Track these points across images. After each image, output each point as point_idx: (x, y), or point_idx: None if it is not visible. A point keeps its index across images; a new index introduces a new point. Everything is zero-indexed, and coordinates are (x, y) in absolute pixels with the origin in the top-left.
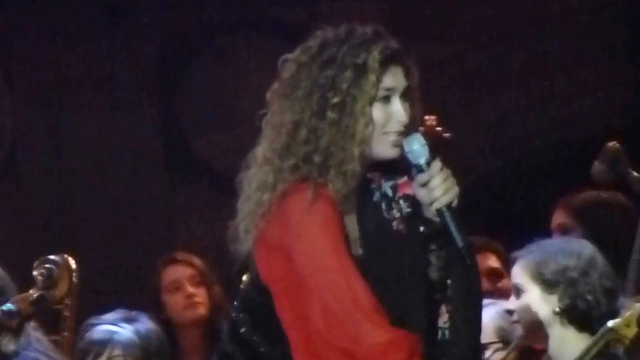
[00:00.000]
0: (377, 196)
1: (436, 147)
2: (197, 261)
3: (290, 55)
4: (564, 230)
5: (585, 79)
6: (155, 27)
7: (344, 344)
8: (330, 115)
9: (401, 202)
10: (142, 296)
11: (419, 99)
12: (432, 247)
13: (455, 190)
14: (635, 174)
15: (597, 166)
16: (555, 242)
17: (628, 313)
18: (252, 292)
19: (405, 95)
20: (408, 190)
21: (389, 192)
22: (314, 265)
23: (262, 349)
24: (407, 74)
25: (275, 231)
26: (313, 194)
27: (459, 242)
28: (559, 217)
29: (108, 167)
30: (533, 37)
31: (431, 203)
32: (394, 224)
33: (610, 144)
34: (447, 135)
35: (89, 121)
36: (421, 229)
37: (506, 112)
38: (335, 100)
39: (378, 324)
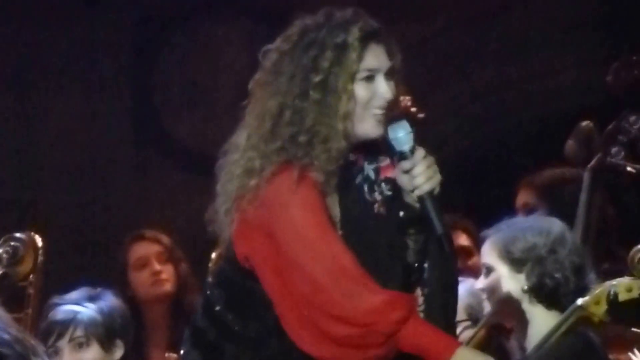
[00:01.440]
0: (359, 178)
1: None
2: (164, 238)
3: (271, 46)
4: (529, 210)
5: (559, 58)
6: (129, 5)
7: (341, 313)
8: (313, 94)
9: (383, 185)
10: (109, 273)
11: (403, 80)
12: (411, 231)
13: (437, 178)
14: None
15: (571, 145)
16: (525, 221)
17: (598, 290)
18: (227, 270)
19: (389, 75)
20: (390, 173)
21: (371, 175)
22: (298, 241)
23: (235, 328)
24: (390, 55)
25: (259, 212)
26: (298, 175)
27: (439, 230)
28: (523, 197)
29: (78, 144)
30: (507, 15)
31: (413, 190)
32: (375, 206)
33: (584, 123)
34: (421, 115)
35: (59, 99)
36: (400, 213)
37: (479, 91)
38: (317, 79)
39: (370, 288)
